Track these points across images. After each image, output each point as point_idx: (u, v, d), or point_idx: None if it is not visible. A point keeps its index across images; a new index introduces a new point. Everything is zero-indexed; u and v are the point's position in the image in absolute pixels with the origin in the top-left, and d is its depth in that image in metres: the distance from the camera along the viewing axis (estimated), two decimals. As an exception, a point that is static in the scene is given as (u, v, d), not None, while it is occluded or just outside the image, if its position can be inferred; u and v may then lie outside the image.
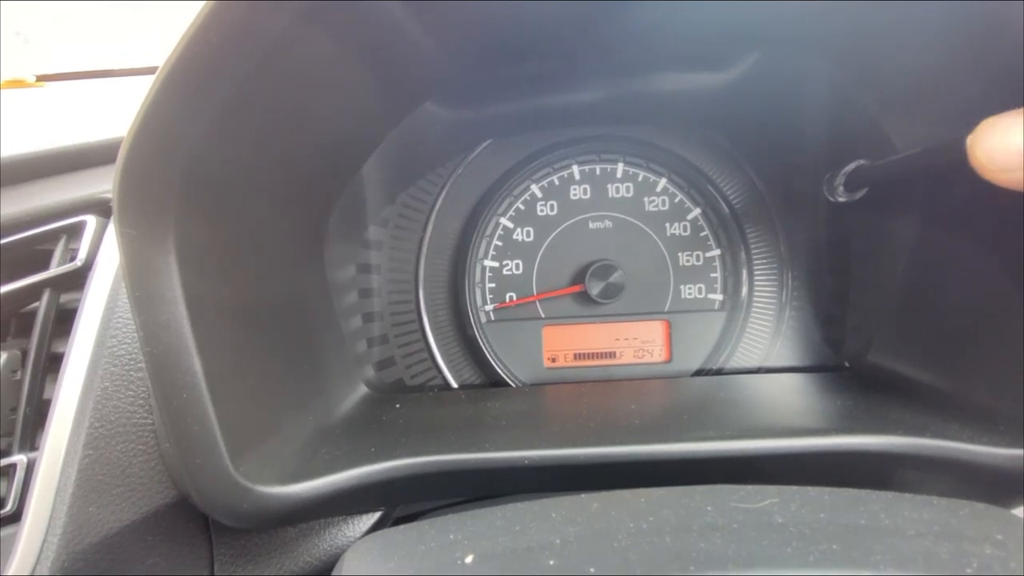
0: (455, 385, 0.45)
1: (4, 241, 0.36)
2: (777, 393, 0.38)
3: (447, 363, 0.45)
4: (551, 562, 0.18)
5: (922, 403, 0.34)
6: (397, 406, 0.39)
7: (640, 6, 0.31)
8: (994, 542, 0.19)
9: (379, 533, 0.24)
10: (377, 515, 0.34)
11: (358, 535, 0.34)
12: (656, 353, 0.45)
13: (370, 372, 0.44)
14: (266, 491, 0.27)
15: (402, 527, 0.24)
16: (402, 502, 0.32)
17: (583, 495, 0.23)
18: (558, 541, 0.19)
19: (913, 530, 0.20)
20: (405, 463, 0.29)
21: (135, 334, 0.30)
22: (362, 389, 0.42)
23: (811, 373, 0.43)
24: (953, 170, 0.29)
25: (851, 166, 0.37)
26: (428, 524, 0.23)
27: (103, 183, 0.39)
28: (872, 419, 0.32)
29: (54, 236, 0.36)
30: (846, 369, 0.43)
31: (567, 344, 0.45)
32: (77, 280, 0.35)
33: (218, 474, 0.26)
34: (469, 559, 0.20)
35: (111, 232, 0.36)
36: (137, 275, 0.25)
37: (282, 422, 0.31)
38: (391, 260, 0.45)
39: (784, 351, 0.45)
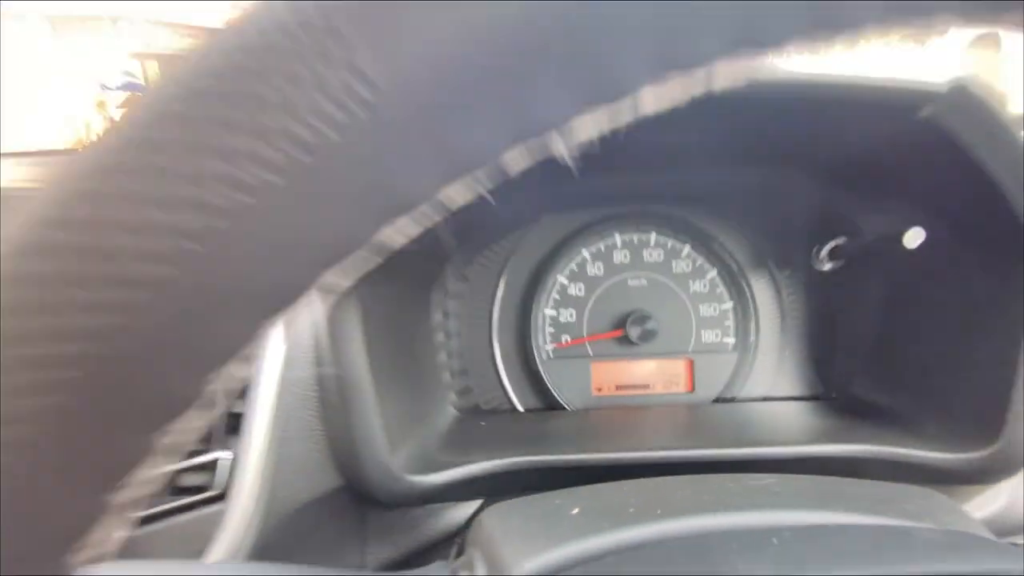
0: (521, 409, 0.56)
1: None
2: (778, 416, 0.49)
3: (515, 391, 0.56)
4: (657, 511, 0.28)
5: (889, 422, 0.45)
6: (482, 423, 0.51)
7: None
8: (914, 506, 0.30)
9: (505, 502, 0.35)
10: (479, 503, 0.45)
11: (464, 518, 0.45)
12: (681, 385, 0.56)
13: (453, 398, 0.55)
14: (414, 479, 0.39)
15: (522, 498, 0.35)
16: (500, 493, 0.43)
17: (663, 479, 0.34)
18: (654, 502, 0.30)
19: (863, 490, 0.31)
20: (517, 460, 0.40)
21: (311, 362, 0.41)
22: (451, 410, 0.53)
23: (806, 401, 0.54)
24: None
25: (830, 244, 0.49)
26: (541, 496, 0.35)
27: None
28: (848, 433, 0.43)
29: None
30: (833, 399, 0.54)
31: (611, 377, 0.56)
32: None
33: (381, 466, 0.38)
34: (575, 511, 0.31)
35: None
36: (332, 321, 0.37)
37: (414, 429, 0.42)
38: (470, 308, 0.57)
39: (784, 384, 0.56)
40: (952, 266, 0.42)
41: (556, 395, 0.55)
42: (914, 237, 0.40)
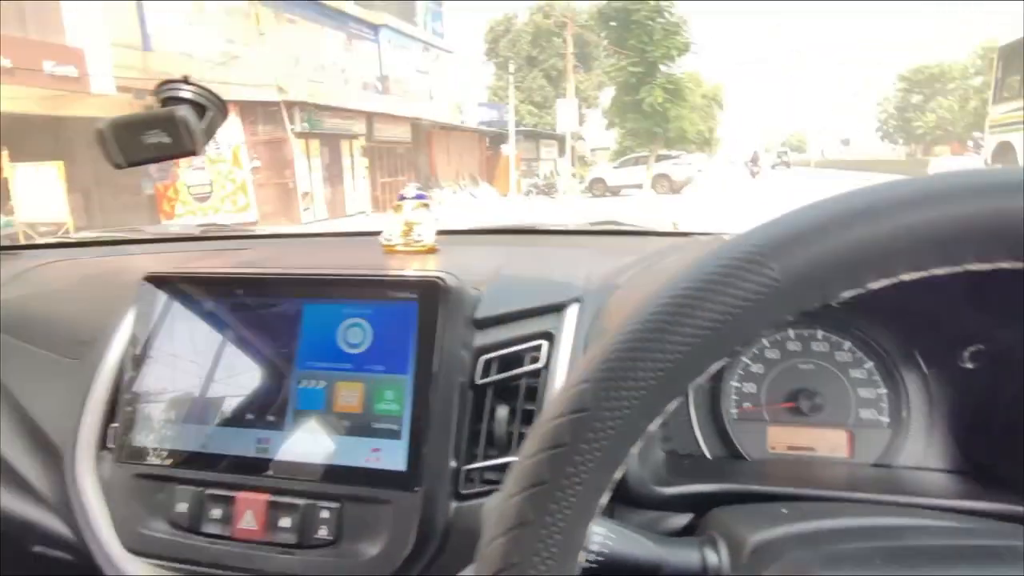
0: (709, 456, 0.73)
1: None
2: (926, 479, 0.63)
3: (705, 443, 0.73)
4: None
5: None
6: (685, 462, 0.69)
7: None
8: None
9: (726, 507, 0.52)
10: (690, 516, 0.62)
11: (681, 525, 0.63)
12: (843, 451, 0.71)
13: (660, 443, 0.74)
14: (655, 488, 0.57)
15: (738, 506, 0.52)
16: (703, 510, 0.60)
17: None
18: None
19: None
20: (720, 486, 0.58)
21: None
22: (659, 451, 0.72)
23: (952, 474, 0.67)
24: None
25: (971, 349, 0.64)
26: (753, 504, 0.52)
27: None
28: (990, 495, 0.56)
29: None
30: (978, 474, 0.67)
31: (783, 439, 0.72)
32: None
33: (636, 478, 0.57)
34: (784, 511, 0.48)
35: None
36: None
37: (643, 458, 0.62)
38: None
39: (934, 458, 0.69)
40: None
41: (739, 447, 0.72)
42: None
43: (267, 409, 0.63)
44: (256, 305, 0.68)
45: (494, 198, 19.59)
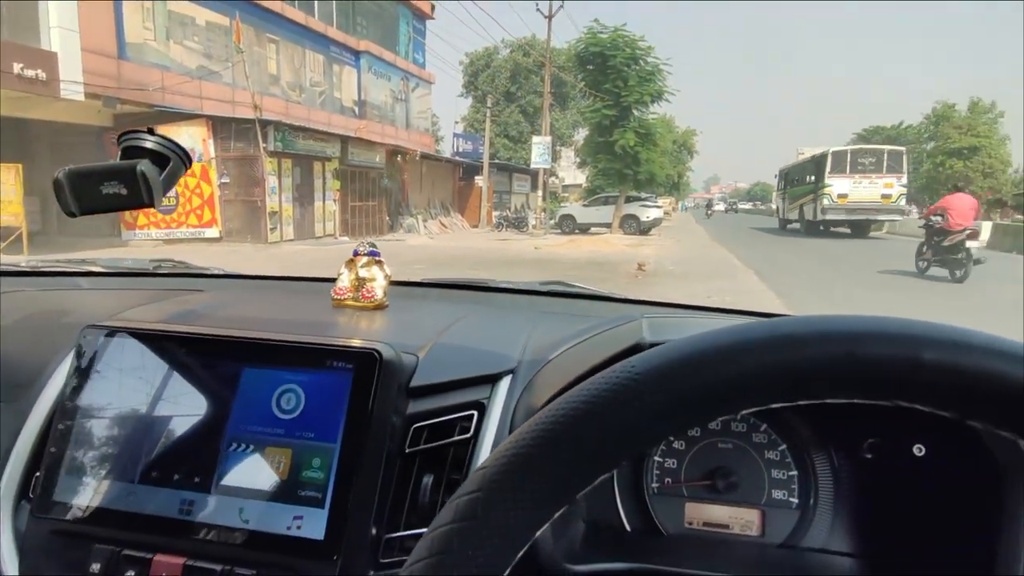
0: (628, 528, 0.76)
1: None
2: (828, 564, 0.67)
3: (626, 515, 0.76)
4: None
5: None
6: (603, 535, 0.72)
7: None
8: None
9: None
10: None
11: None
12: (755, 529, 0.74)
13: (583, 515, 0.76)
14: (568, 567, 0.60)
15: None
16: None
17: None
18: None
19: None
20: (633, 565, 0.61)
21: None
22: (581, 523, 0.74)
23: (852, 558, 0.71)
24: None
25: (869, 441, 0.68)
26: None
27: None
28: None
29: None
30: (875, 557, 0.71)
31: (699, 515, 0.75)
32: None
33: (547, 555, 0.59)
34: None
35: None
36: None
37: (562, 531, 0.64)
38: None
39: (837, 541, 0.73)
40: (945, 469, 0.60)
41: (657, 522, 0.75)
42: (918, 450, 0.60)
43: (194, 470, 0.64)
44: (195, 364, 0.69)
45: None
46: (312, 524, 0.61)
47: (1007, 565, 0.54)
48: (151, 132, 0.69)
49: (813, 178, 18.31)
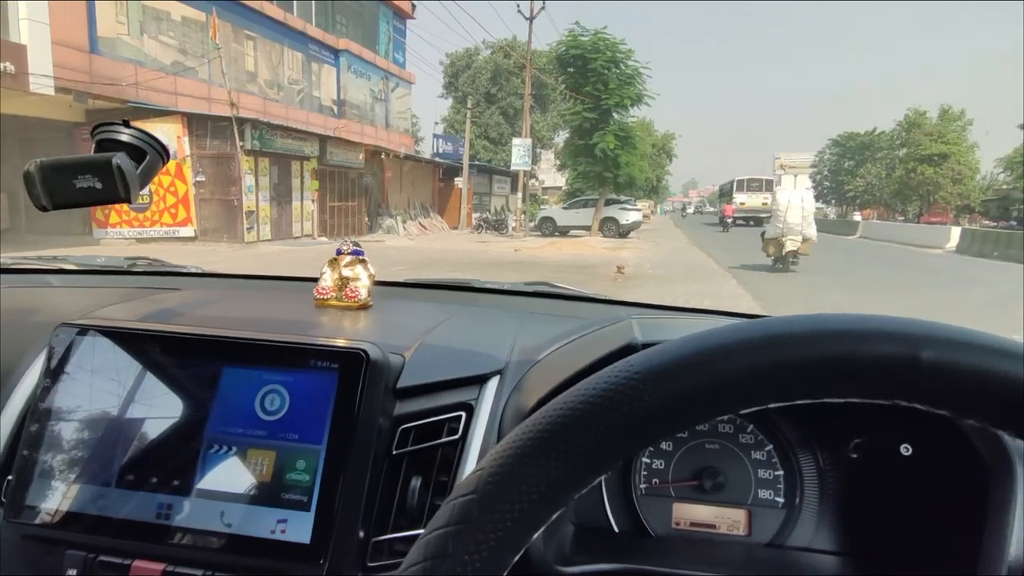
0: (616, 530, 0.76)
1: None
2: (814, 563, 0.67)
3: (614, 516, 0.76)
4: None
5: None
6: (592, 536, 0.71)
7: None
8: None
9: None
10: None
11: None
12: (741, 529, 0.75)
13: (572, 516, 0.75)
14: (558, 568, 0.59)
15: None
16: None
17: None
18: None
19: None
20: (622, 566, 0.60)
21: None
22: (570, 525, 0.74)
23: (837, 556, 0.72)
24: None
25: (855, 441, 0.69)
26: None
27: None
28: None
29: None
30: (860, 555, 0.71)
31: (686, 515, 0.75)
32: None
33: (539, 557, 0.59)
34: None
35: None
36: None
37: (553, 532, 0.63)
38: None
39: (822, 539, 0.73)
40: (932, 468, 0.61)
41: (645, 522, 0.75)
42: (905, 449, 0.60)
43: (172, 473, 0.62)
44: (172, 364, 0.67)
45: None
46: (297, 527, 0.59)
47: (992, 564, 0.54)
48: (127, 124, 0.67)
49: (729, 193, 33.42)
